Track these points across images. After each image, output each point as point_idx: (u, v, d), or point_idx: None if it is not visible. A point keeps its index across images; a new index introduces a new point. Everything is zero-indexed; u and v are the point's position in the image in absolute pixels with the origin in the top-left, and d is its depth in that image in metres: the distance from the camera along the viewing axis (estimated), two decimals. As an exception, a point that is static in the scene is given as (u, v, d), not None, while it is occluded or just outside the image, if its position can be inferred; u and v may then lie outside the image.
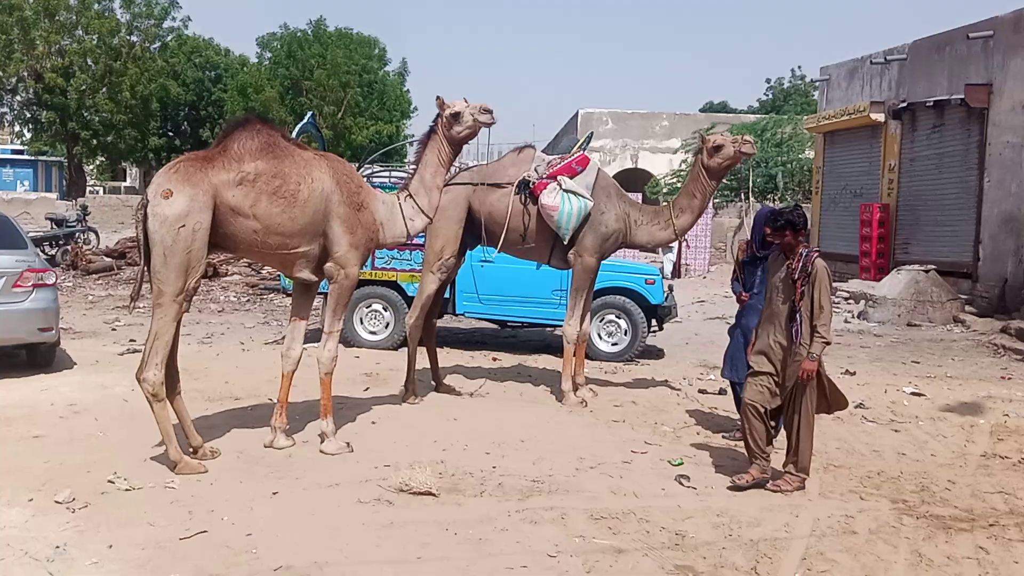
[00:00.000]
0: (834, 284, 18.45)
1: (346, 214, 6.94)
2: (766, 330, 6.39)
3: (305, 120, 12.34)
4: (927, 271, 15.76)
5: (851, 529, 5.69)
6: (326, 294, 7.19)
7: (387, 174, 12.30)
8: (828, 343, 6.17)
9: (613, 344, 11.42)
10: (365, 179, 11.33)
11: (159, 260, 6.27)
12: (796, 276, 6.13)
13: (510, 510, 5.79)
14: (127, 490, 6.01)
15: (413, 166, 7.68)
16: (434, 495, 5.98)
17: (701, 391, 9.67)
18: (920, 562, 5.22)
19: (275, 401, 7.26)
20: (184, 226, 6.25)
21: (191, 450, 6.69)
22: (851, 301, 17.17)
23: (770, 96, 58.29)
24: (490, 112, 7.39)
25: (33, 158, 39.66)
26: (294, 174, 6.70)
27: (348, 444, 7.05)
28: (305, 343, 7.36)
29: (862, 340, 13.85)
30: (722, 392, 9.53)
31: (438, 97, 7.46)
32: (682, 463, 6.91)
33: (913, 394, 9.82)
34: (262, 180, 6.58)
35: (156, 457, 6.60)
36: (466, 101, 7.41)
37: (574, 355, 9.05)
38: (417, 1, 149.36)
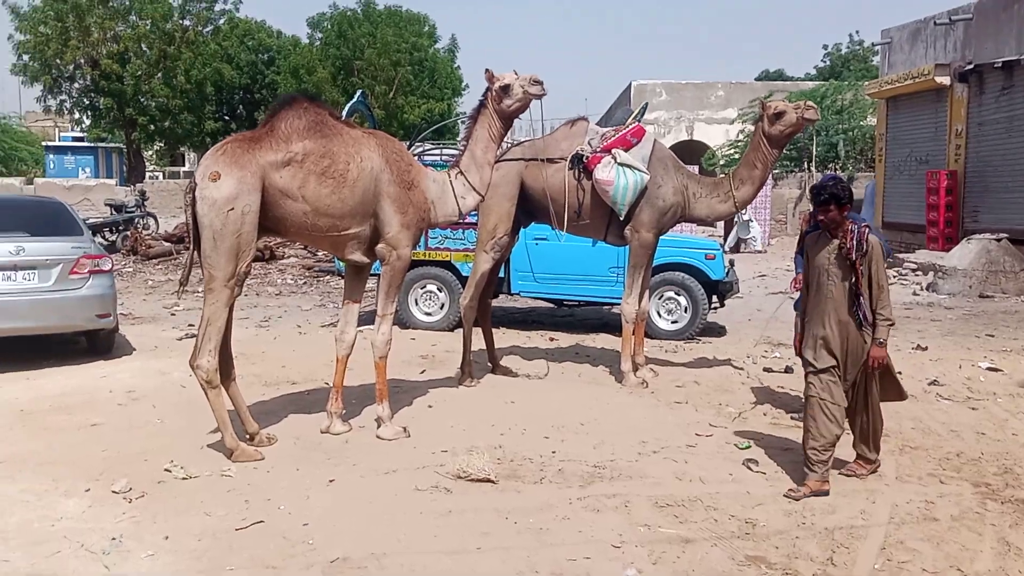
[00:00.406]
0: (901, 255, 17.97)
1: (396, 193, 6.77)
2: (819, 318, 5.82)
3: (355, 99, 12.17)
4: (999, 240, 15.17)
5: (932, 516, 5.40)
6: (379, 275, 7.06)
7: (438, 152, 12.11)
8: (893, 324, 5.76)
9: (673, 322, 11.15)
10: (415, 157, 11.23)
11: (209, 244, 6.17)
12: (854, 255, 5.62)
13: (571, 497, 5.61)
14: (184, 479, 5.95)
15: (463, 142, 7.48)
16: (493, 482, 5.82)
17: (766, 369, 9.37)
18: (1008, 551, 4.93)
19: (331, 385, 7.15)
20: (233, 209, 6.13)
21: (247, 437, 6.61)
22: (919, 272, 16.62)
23: (828, 63, 56.86)
24: (540, 83, 7.15)
25: (93, 145, 40.29)
26: (343, 153, 6.55)
27: (405, 429, 6.92)
28: (361, 326, 7.24)
29: (932, 313, 13.37)
30: (788, 370, 9.23)
31: (487, 70, 7.24)
32: (749, 446, 6.65)
33: (989, 369, 9.40)
34: (310, 160, 6.44)
35: (213, 444, 6.54)
36: (516, 73, 7.18)
37: (633, 334, 8.82)
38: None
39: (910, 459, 6.48)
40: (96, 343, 9.85)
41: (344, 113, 11.75)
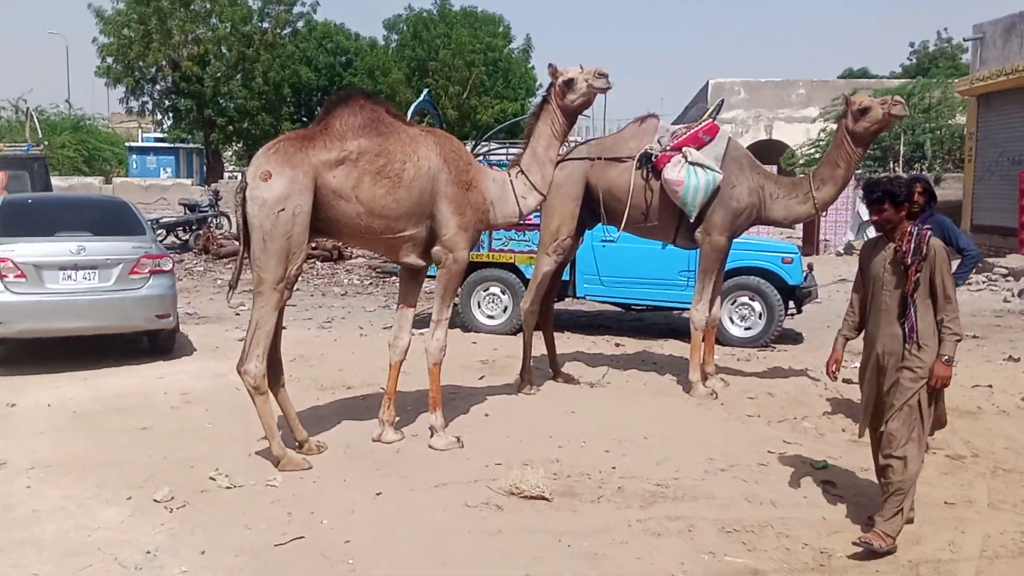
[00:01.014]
0: (991, 259, 17.06)
1: (454, 194, 6.48)
2: (877, 335, 5.10)
3: (421, 98, 11.99)
4: (1099, 245, 14.24)
5: (1030, 550, 4.89)
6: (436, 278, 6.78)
7: (504, 151, 11.81)
8: (961, 339, 4.99)
9: (746, 328, 10.64)
10: (482, 157, 10.94)
11: (258, 246, 5.96)
12: (909, 260, 4.91)
13: (630, 519, 5.24)
14: (228, 488, 5.76)
15: (525, 140, 7.15)
16: (547, 499, 5.49)
17: (845, 380, 8.79)
18: (1119, 594, 4.41)
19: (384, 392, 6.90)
20: (284, 210, 5.91)
21: (297, 444, 6.40)
22: (1010, 278, 15.73)
23: (914, 61, 55.00)
24: (605, 76, 6.78)
25: (174, 146, 41.06)
26: (399, 152, 6.28)
27: (458, 439, 6.63)
28: (419, 328, 6.96)
29: (1025, 322, 12.59)
30: (868, 382, 8.67)
31: (550, 65, 6.89)
32: (826, 466, 6.18)
33: (1089, 384, 8.72)
34: (365, 159, 6.18)
35: (261, 452, 6.33)
36: (581, 68, 6.82)
37: (703, 342, 8.38)
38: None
39: (1003, 483, 5.94)
40: (157, 343, 9.80)
41: (410, 112, 11.58)
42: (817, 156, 27.81)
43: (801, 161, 28.50)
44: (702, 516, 5.27)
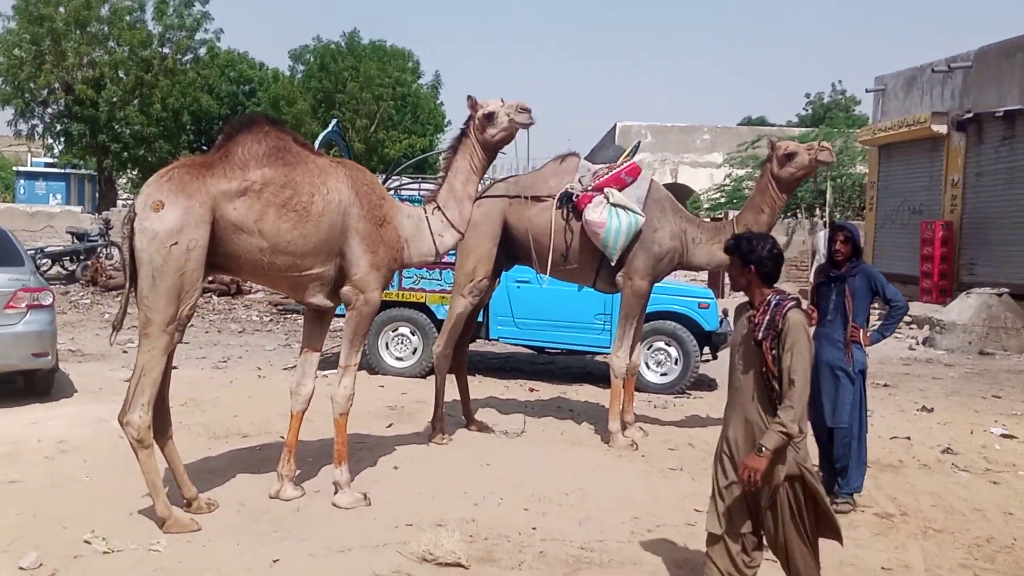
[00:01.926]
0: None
1: (366, 230, 6.01)
2: (728, 417, 4.40)
3: (329, 128, 11.46)
4: (1000, 295, 14.56)
5: (976, 623, 4.64)
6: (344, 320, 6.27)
7: (416, 187, 11.39)
8: (790, 436, 4.02)
9: (662, 375, 10.40)
10: (391, 192, 10.48)
11: (147, 283, 5.37)
12: (759, 334, 4.16)
13: (555, 589, 4.81)
14: (105, 552, 5.14)
15: (442, 174, 6.74)
16: (463, 567, 5.02)
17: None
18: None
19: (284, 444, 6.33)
20: (177, 244, 5.34)
21: (184, 503, 5.78)
22: (913, 326, 15.99)
23: (809, 111, 56.85)
24: (528, 111, 6.43)
25: (65, 171, 39.32)
26: (307, 184, 5.79)
27: (365, 496, 6.10)
28: (327, 369, 6.43)
29: (932, 370, 12.70)
30: (789, 432, 8.48)
31: (469, 97, 6.52)
32: (756, 527, 5.86)
33: (1004, 436, 8.71)
34: (269, 190, 5.67)
35: (145, 511, 5.69)
36: (502, 101, 6.46)
37: (623, 389, 8.06)
38: (450, 14, 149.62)
39: (936, 545, 5.72)
40: (33, 384, 8.98)
41: (317, 143, 11.03)
42: (722, 201, 28.25)
43: (706, 205, 28.89)
44: (631, 585, 4.88)
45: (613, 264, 7.88)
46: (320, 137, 11.62)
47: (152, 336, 5.40)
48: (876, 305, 7.98)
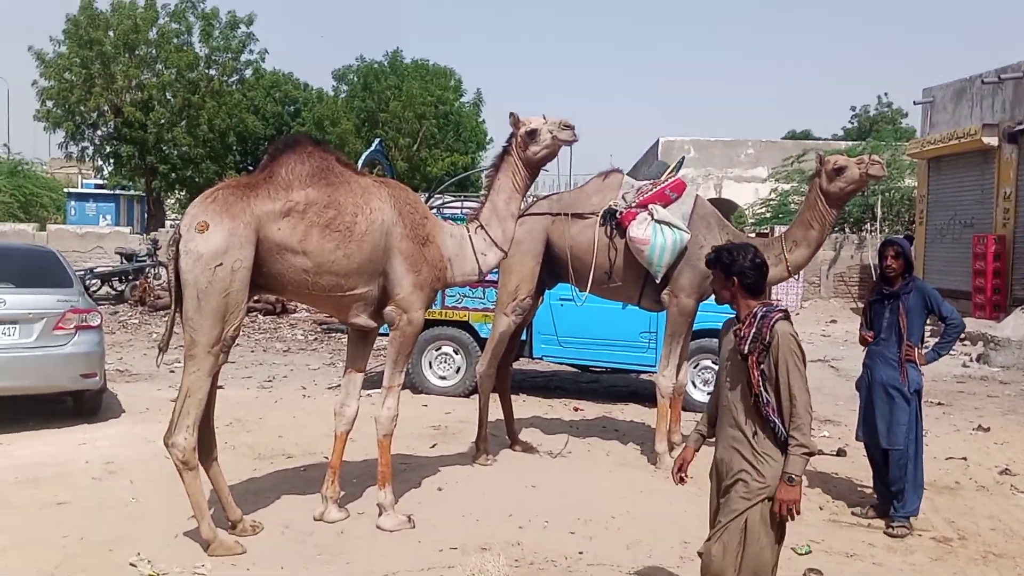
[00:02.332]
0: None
1: (409, 249, 5.98)
2: (719, 436, 4.25)
3: (372, 147, 11.52)
4: (1056, 310, 14.19)
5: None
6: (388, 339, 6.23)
7: (459, 204, 11.37)
8: (812, 453, 3.96)
9: (710, 394, 10.20)
10: (436, 210, 10.47)
11: (192, 304, 5.37)
12: (746, 349, 3.99)
13: (603, 615, 4.70)
14: (150, 575, 5.10)
15: (484, 193, 6.69)
16: (509, 591, 4.93)
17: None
18: None
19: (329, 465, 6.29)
20: (222, 264, 5.35)
21: (229, 525, 5.76)
22: (966, 343, 15.61)
23: (855, 124, 56.16)
24: (571, 128, 6.35)
25: (115, 192, 39.92)
26: (350, 204, 5.77)
27: (409, 518, 6.04)
28: (370, 389, 6.38)
29: (988, 388, 12.38)
30: (840, 453, 8.31)
31: (512, 114, 6.46)
32: (810, 551, 5.71)
33: (1064, 456, 8.43)
34: (313, 211, 5.66)
35: (190, 533, 5.68)
36: (544, 118, 6.40)
37: (669, 409, 7.92)
38: (493, 31, 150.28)
39: (997, 570, 5.55)
40: (81, 405, 9.06)
41: (360, 162, 11.08)
42: (768, 216, 27.91)
43: (751, 220, 28.56)
44: (681, 612, 4.76)
45: (658, 282, 7.79)
46: (363, 156, 11.68)
47: (197, 357, 5.40)
48: (930, 322, 7.79)
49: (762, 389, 3.93)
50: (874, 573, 5.40)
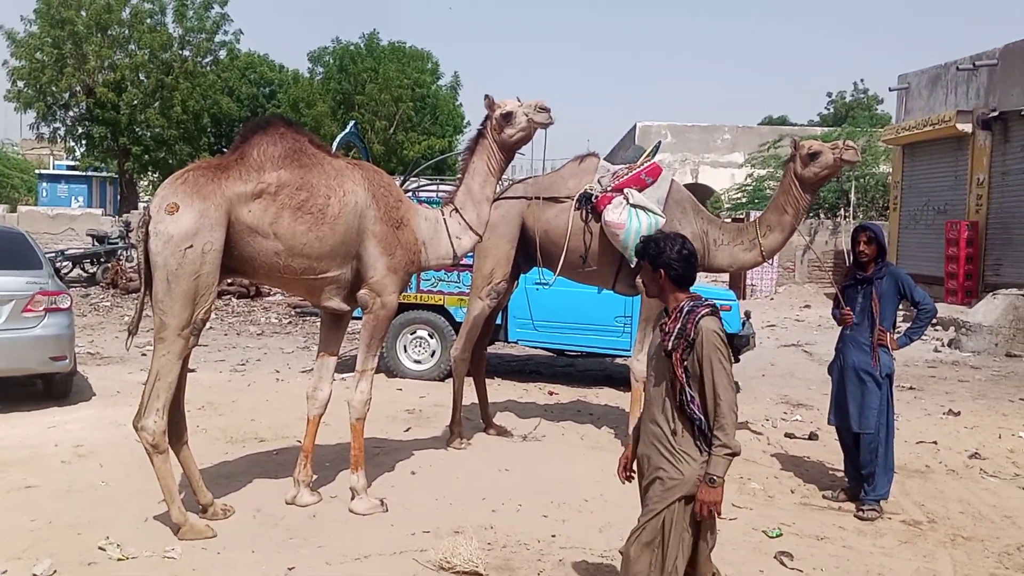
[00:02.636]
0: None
1: (383, 232, 5.93)
2: (642, 430, 4.10)
3: (348, 130, 11.45)
4: (1026, 295, 14.32)
5: (1009, 636, 4.50)
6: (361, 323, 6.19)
7: (434, 188, 11.32)
8: (735, 453, 3.75)
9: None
10: (411, 194, 10.42)
11: (162, 287, 5.31)
12: (669, 345, 3.83)
13: (574, 598, 4.71)
14: (119, 560, 5.06)
15: (459, 176, 6.65)
16: (481, 575, 4.92)
17: (788, 435, 8.49)
18: None
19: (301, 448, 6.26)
20: (192, 247, 5.28)
21: (200, 508, 5.72)
22: (938, 327, 15.75)
23: (831, 110, 56.48)
24: (547, 111, 6.33)
25: (87, 174, 39.54)
26: (323, 186, 5.72)
27: (382, 502, 6.02)
28: (343, 372, 6.35)
29: (959, 372, 12.50)
30: (813, 437, 8.36)
31: (487, 96, 6.42)
32: (781, 534, 5.74)
33: (1033, 440, 8.53)
34: (285, 193, 5.60)
35: (160, 516, 5.63)
36: (519, 100, 6.37)
37: (643, 393, 7.92)
38: (470, 15, 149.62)
39: (965, 554, 5.58)
40: (51, 388, 8.96)
41: (335, 144, 11.00)
42: (743, 201, 28.01)
43: (727, 205, 28.66)
44: (653, 595, 4.76)
45: (633, 266, 7.77)
46: (338, 139, 11.61)
47: (167, 340, 5.34)
48: (903, 307, 7.84)
49: (686, 386, 3.76)
50: (844, 556, 5.43)
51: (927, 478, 7.22)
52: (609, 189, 7.77)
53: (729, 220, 14.56)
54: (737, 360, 10.72)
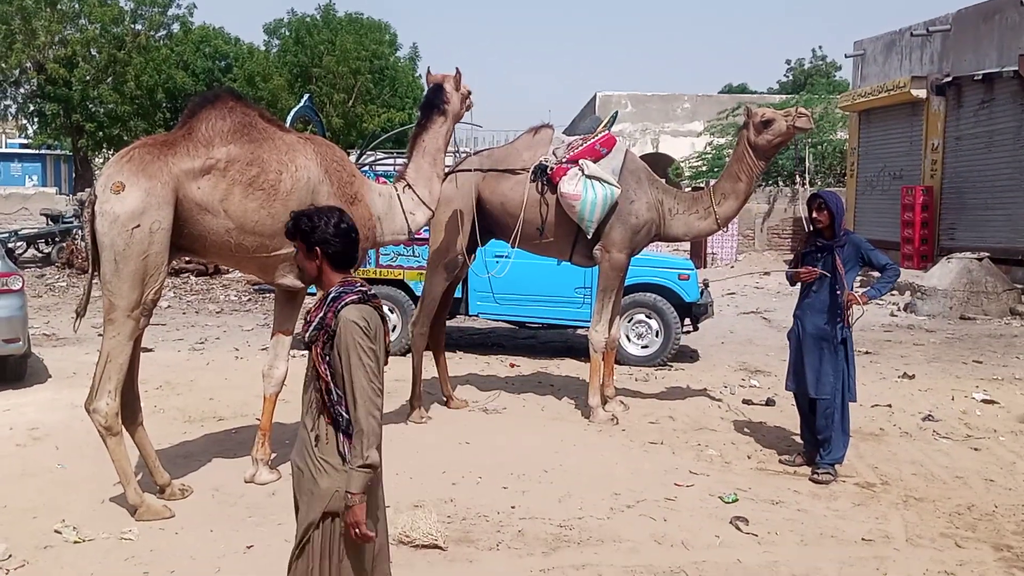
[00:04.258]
0: (873, 273, 17.33)
1: (336, 208, 5.87)
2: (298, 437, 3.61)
3: (302, 103, 11.23)
4: (980, 259, 14.54)
5: (957, 592, 4.61)
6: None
7: (391, 161, 11.24)
8: (372, 467, 3.19)
9: (643, 347, 10.33)
10: (365, 167, 10.33)
11: (110, 267, 5.24)
12: (307, 335, 3.35)
13: (532, 568, 4.76)
14: (76, 542, 5.03)
15: (408, 153, 6.63)
16: (441, 548, 4.96)
17: (745, 401, 8.58)
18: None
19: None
20: (139, 226, 5.22)
21: (158, 489, 5.68)
22: (895, 292, 15.97)
23: (790, 77, 56.63)
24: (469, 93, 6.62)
25: (40, 152, 38.78)
26: (274, 161, 5.67)
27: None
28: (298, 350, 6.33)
29: (914, 336, 12.69)
30: (770, 403, 8.47)
31: (428, 70, 6.44)
32: (736, 499, 5.81)
33: (984, 401, 8.69)
34: (235, 168, 5.54)
35: (117, 498, 5.59)
36: (457, 71, 6.41)
37: (602, 363, 7.98)
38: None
39: (917, 514, 5.69)
40: (5, 371, 8.82)
41: (290, 118, 10.84)
42: (703, 169, 28.12)
43: (688, 174, 28.75)
44: (609, 563, 4.82)
45: (590, 237, 7.78)
46: (292, 112, 11.40)
47: (117, 322, 5.28)
48: (860, 274, 7.95)
49: (331, 384, 3.26)
50: (798, 519, 5.51)
51: (881, 441, 7.35)
52: (564, 160, 7.75)
53: (689, 189, 14.63)
54: (696, 328, 10.83)
